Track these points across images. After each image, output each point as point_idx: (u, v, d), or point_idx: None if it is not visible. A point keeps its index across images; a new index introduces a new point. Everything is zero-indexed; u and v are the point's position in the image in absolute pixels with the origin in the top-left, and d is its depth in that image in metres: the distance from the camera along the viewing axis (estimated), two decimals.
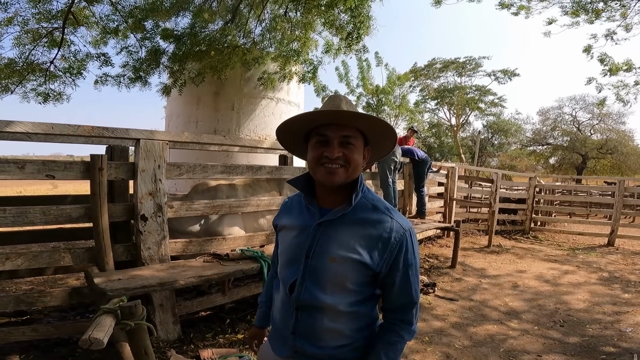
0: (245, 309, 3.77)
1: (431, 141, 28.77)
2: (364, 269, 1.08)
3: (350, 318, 1.13)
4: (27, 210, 2.44)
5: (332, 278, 1.09)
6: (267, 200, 3.73)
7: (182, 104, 7.18)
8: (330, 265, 1.09)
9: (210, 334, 3.19)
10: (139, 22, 6.55)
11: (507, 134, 28.15)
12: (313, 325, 1.13)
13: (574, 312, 4.08)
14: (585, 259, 6.78)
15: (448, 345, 3.21)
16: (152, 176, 2.78)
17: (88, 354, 2.66)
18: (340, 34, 6.10)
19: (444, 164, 9.05)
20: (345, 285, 1.09)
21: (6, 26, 6.21)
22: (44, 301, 2.59)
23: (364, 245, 1.07)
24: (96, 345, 1.58)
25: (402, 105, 16.28)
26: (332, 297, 1.10)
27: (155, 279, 2.40)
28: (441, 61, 25.49)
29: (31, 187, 20.15)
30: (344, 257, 1.07)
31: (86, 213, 2.62)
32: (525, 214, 9.56)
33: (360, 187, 1.12)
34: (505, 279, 5.33)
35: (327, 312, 1.11)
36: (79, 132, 2.49)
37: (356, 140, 1.09)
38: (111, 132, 2.61)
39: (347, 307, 1.11)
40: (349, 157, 1.06)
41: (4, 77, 6.54)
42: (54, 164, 2.51)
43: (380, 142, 1.16)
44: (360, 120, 1.07)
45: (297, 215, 1.20)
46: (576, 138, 25.12)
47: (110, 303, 1.97)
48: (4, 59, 6.51)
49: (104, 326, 1.71)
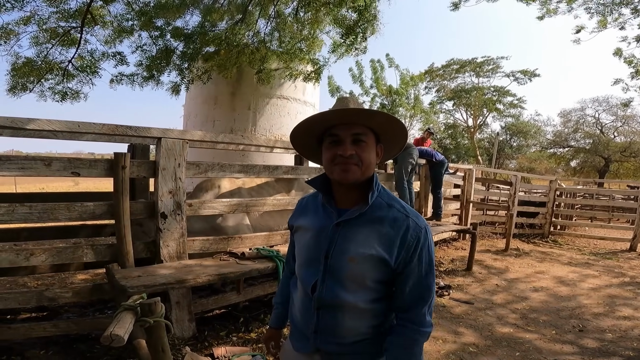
0: (258, 307, 3.80)
1: (447, 142, 28.40)
2: (382, 266, 1.10)
3: (369, 315, 1.15)
4: (53, 207, 2.51)
5: (352, 277, 1.12)
6: (284, 200, 3.75)
7: (200, 104, 7.29)
8: (350, 264, 1.11)
9: (224, 332, 3.23)
10: (150, 20, 6.63)
11: (526, 135, 27.57)
12: (334, 323, 1.15)
13: (593, 317, 3.98)
14: (606, 264, 6.58)
15: (462, 349, 3.17)
16: (173, 174, 2.84)
17: (105, 350, 2.72)
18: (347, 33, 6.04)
19: (460, 165, 8.93)
20: (364, 283, 1.12)
21: (24, 25, 6.35)
22: (66, 297, 2.66)
23: (382, 244, 1.09)
24: (117, 342, 1.60)
25: (416, 106, 16.13)
26: (353, 295, 1.12)
27: (174, 276, 2.44)
28: (458, 62, 25.12)
29: (53, 184, 20.78)
30: (363, 255, 1.09)
31: (108, 210, 2.68)
32: (544, 217, 9.34)
33: (376, 186, 1.13)
34: (522, 282, 5.23)
35: (348, 310, 1.14)
36: (104, 130, 2.55)
37: (367, 137, 1.10)
38: (134, 130, 2.67)
39: (367, 304, 1.13)
40: (361, 155, 1.09)
41: (22, 76, 6.71)
42: (79, 161, 2.58)
43: (392, 138, 1.18)
44: (368, 116, 1.09)
45: (313, 215, 1.22)
46: (599, 140, 24.44)
47: (131, 300, 2.01)
48: (22, 57, 6.67)
49: (124, 323, 1.74)
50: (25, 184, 17.56)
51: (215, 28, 6.95)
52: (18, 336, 2.61)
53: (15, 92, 6.91)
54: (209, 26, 6.90)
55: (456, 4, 7.78)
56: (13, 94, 6.93)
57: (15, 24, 6.46)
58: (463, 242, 7.52)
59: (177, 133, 2.84)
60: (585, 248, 8.28)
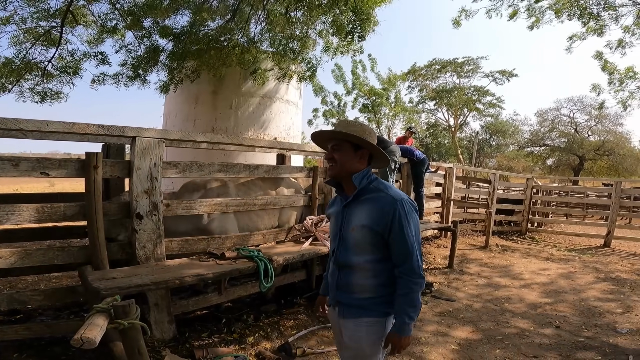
0: (241, 308, 3.75)
1: (429, 142, 28.79)
2: (372, 232, 1.52)
3: (373, 274, 1.57)
4: (20, 208, 2.41)
5: (355, 242, 1.57)
6: (265, 199, 3.71)
7: (181, 103, 7.15)
8: (352, 233, 1.57)
9: (206, 333, 3.17)
10: (138, 20, 6.51)
11: (504, 135, 28.18)
12: (348, 281, 1.62)
13: (570, 313, 4.09)
14: (581, 260, 6.79)
15: (444, 346, 3.20)
16: (148, 174, 2.76)
17: (81, 353, 2.63)
18: (340, 34, 6.07)
19: (441, 164, 9.05)
20: (364, 247, 1.56)
21: (3, 25, 6.15)
22: (37, 300, 2.57)
23: (369, 215, 1.53)
24: (88, 344, 1.57)
25: (397, 105, 16.28)
26: (357, 257, 1.58)
27: (149, 278, 2.38)
28: (440, 62, 25.49)
29: (28, 185, 20.02)
30: (358, 225, 1.55)
31: (81, 211, 2.59)
32: (522, 214, 9.58)
33: (364, 177, 1.58)
34: (501, 279, 5.34)
35: (357, 270, 1.59)
36: (74, 129, 2.46)
37: (342, 146, 1.59)
38: (107, 129, 2.58)
39: (369, 264, 1.57)
40: (337, 158, 1.59)
41: (1, 76, 6.48)
42: (48, 161, 2.48)
43: (366, 146, 1.60)
44: (341, 135, 1.58)
45: (336, 205, 1.72)
46: (573, 139, 25.15)
47: (104, 302, 1.94)
48: (1, 57, 6.46)
49: (96, 326, 1.70)
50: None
51: (205, 28, 6.85)
52: None
53: None
54: (198, 25, 6.79)
55: (457, 21, 7.92)
56: None
57: None
58: (444, 239, 7.62)
59: (153, 132, 2.77)
60: (561, 244, 8.53)
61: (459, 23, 7.94)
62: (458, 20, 7.91)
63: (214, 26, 6.87)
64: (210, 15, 6.72)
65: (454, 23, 7.94)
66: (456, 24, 7.94)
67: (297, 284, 4.04)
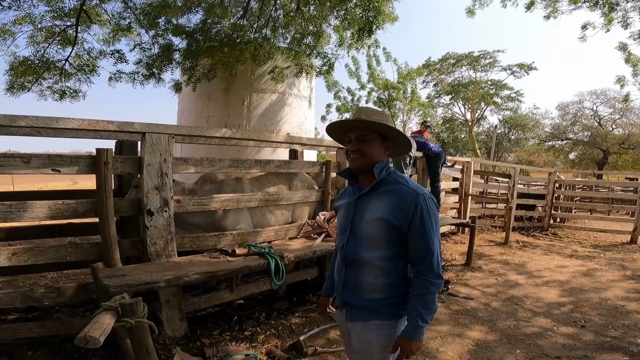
0: (253, 305, 3.73)
1: (445, 136, 28.27)
2: (389, 226, 1.40)
3: (384, 273, 1.45)
4: (32, 205, 2.42)
5: (367, 236, 1.45)
6: (278, 194, 3.66)
7: (194, 100, 7.18)
8: (365, 226, 1.45)
9: (217, 330, 3.15)
10: (152, 19, 6.56)
11: (524, 128, 27.43)
12: (356, 279, 1.49)
13: (595, 312, 3.90)
14: (606, 257, 6.52)
15: (461, 346, 3.09)
16: (158, 170, 2.74)
17: (94, 352, 2.64)
18: (352, 28, 5.96)
19: (458, 158, 8.83)
20: (377, 241, 1.44)
21: (20, 25, 6.27)
22: (51, 297, 2.57)
23: (387, 208, 1.41)
24: (92, 344, 1.54)
25: (413, 99, 15.98)
26: (369, 252, 1.45)
27: (159, 275, 2.35)
28: (455, 56, 24.91)
29: (52, 183, 20.64)
30: (373, 218, 1.43)
31: (92, 208, 2.59)
32: (544, 210, 9.27)
33: (384, 168, 1.48)
34: (521, 276, 5.16)
35: (366, 267, 1.47)
36: (83, 125, 2.45)
37: (369, 137, 1.47)
38: (116, 125, 2.57)
39: (381, 262, 1.44)
40: (363, 149, 1.46)
41: (19, 76, 6.64)
42: (59, 158, 2.48)
43: (394, 136, 1.50)
44: (368, 125, 1.45)
45: (347, 197, 1.61)
46: (597, 133, 24.39)
47: (112, 300, 1.93)
48: (20, 57, 6.60)
49: (102, 324, 1.68)
50: (24, 183, 17.44)
51: (218, 25, 6.85)
52: (6, 336, 2.53)
53: (13, 92, 6.84)
54: (211, 23, 6.79)
55: (472, 10, 7.66)
56: (11, 94, 6.86)
57: (11, 24, 6.36)
58: (462, 235, 7.45)
59: (162, 128, 2.74)
60: (585, 241, 8.21)
61: (473, 12, 7.67)
62: (472, 10, 7.65)
63: (227, 24, 6.85)
64: (223, 12, 6.70)
65: (468, 12, 7.67)
66: (470, 12, 7.67)
67: (310, 281, 3.99)
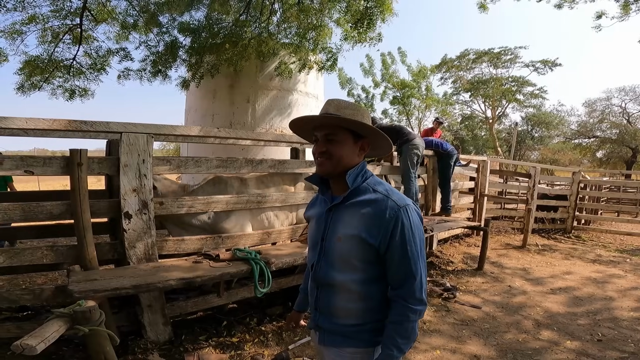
0: (246, 310, 3.58)
1: (463, 134, 27.50)
2: (365, 245, 1.18)
3: (360, 297, 1.24)
4: (5, 208, 2.35)
5: (340, 256, 1.23)
6: (269, 196, 3.50)
7: (199, 98, 7.12)
8: (337, 244, 1.23)
9: (204, 336, 3.02)
10: (154, 16, 6.53)
11: (548, 126, 26.39)
12: (329, 302, 1.29)
13: (616, 324, 3.56)
14: (632, 262, 6.05)
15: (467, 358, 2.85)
16: (136, 171, 2.62)
17: (72, 353, 2.57)
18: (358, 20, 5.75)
19: (473, 157, 8.44)
20: (351, 262, 1.21)
21: (27, 25, 6.36)
22: (27, 299, 2.50)
23: (363, 223, 1.18)
24: (28, 351, 1.49)
25: (428, 97, 15.59)
26: (342, 274, 1.23)
27: (131, 280, 2.23)
28: (474, 52, 24.11)
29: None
30: (347, 235, 1.21)
31: (67, 210, 2.50)
32: (567, 211, 8.76)
33: (359, 174, 1.24)
34: (539, 283, 4.81)
35: (339, 290, 1.26)
36: (54, 126, 2.36)
37: (339, 136, 1.21)
38: (90, 125, 2.46)
39: (356, 285, 1.23)
40: (331, 151, 1.21)
41: (30, 75, 6.75)
42: (32, 159, 2.40)
43: (369, 134, 1.26)
44: (331, 121, 1.21)
45: (318, 206, 1.37)
46: (626, 131, 23.28)
47: (69, 307, 1.83)
48: (29, 56, 6.71)
49: (46, 332, 1.59)
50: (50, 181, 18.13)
51: (222, 22, 6.79)
52: None
53: (24, 91, 6.97)
54: (214, 20, 6.74)
55: (484, 5, 7.29)
56: (22, 93, 7.00)
57: (20, 24, 6.47)
58: (476, 238, 7.09)
59: (140, 127, 2.62)
60: (611, 244, 7.70)
61: (485, 7, 7.25)
62: (484, 4, 7.23)
63: (230, 20, 6.77)
64: (225, 8, 6.61)
65: (480, 7, 7.26)
66: (482, 7, 7.26)
67: None
